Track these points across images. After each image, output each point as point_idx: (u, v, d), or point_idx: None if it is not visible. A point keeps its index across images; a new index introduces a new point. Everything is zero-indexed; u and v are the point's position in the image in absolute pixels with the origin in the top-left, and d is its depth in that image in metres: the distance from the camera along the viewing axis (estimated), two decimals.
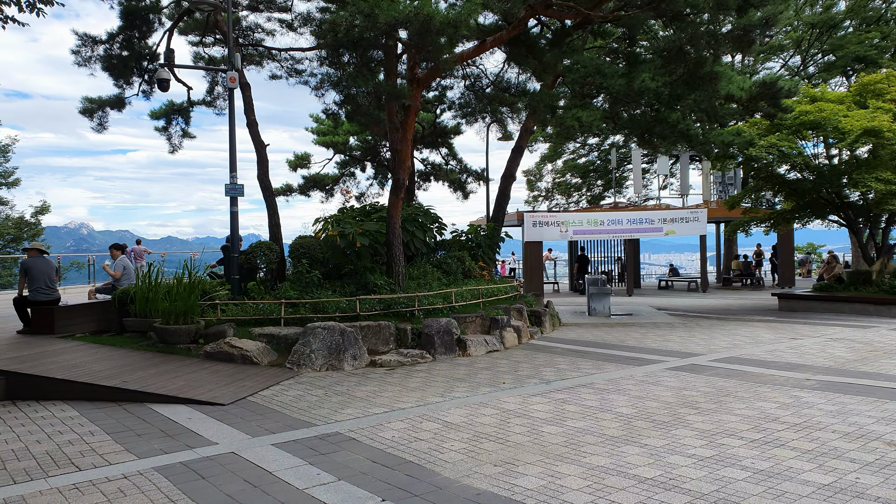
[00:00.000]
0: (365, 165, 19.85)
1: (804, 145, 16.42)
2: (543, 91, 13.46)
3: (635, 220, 22.69)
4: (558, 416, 6.58)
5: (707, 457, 5.17)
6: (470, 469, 5.03)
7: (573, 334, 12.98)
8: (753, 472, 4.78)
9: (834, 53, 29.44)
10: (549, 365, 9.48)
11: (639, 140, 16.10)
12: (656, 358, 9.88)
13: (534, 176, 35.91)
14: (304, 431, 6.11)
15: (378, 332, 10.01)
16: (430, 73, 10.44)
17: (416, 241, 13.07)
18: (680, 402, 7.05)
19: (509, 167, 16.94)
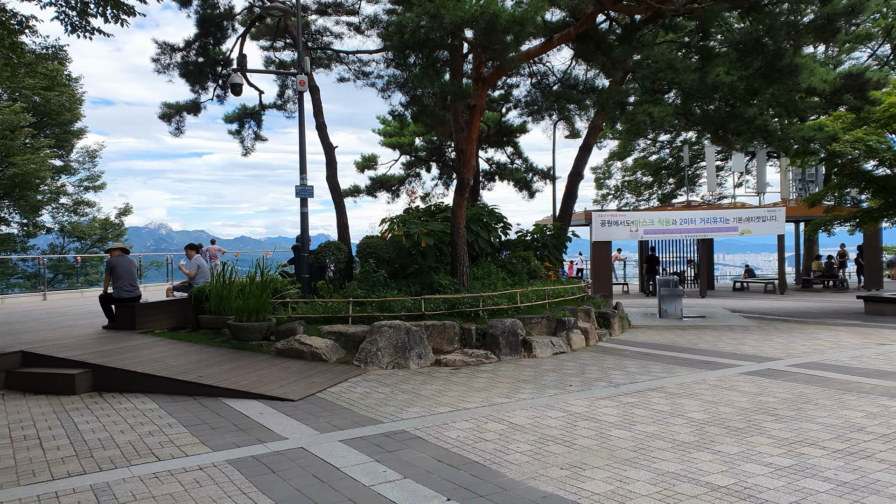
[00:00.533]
0: (430, 166, 19.97)
1: (894, 139, 15.49)
2: (612, 87, 13.20)
3: (709, 219, 21.96)
4: (627, 420, 6.43)
5: (785, 466, 4.94)
6: (535, 471, 4.97)
7: (643, 337, 12.67)
8: (837, 485, 4.53)
9: None
10: (618, 368, 9.28)
11: (713, 136, 15.54)
12: (731, 362, 9.53)
13: (603, 174, 35.27)
14: (370, 428, 6.20)
15: (443, 331, 10.05)
16: (496, 72, 10.40)
17: (481, 240, 13.05)
18: (756, 408, 6.77)
19: (577, 165, 16.70)
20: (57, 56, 12.31)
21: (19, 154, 23.48)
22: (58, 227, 28.21)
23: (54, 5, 8.59)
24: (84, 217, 29.29)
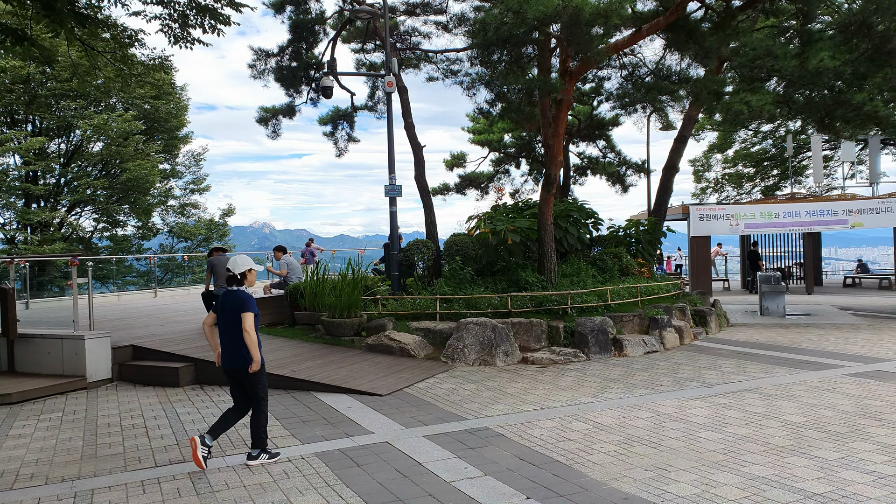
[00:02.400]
0: (519, 162, 19.94)
1: None
2: (708, 77, 12.70)
3: (815, 211, 20.71)
4: (718, 421, 6.23)
5: (890, 475, 4.65)
6: (619, 472, 4.93)
7: (741, 335, 12.15)
8: None
9: None
10: (713, 367, 8.97)
11: (818, 125, 14.64)
12: (835, 362, 8.99)
13: (701, 166, 33.88)
14: (454, 425, 6.32)
15: (529, 329, 10.05)
16: (582, 66, 10.26)
17: (570, 237, 12.92)
18: (860, 411, 6.38)
19: (671, 158, 16.21)
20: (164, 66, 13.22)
21: (132, 160, 25.31)
22: (167, 229, 30.15)
23: (159, 19, 9.24)
24: (190, 218, 31.14)
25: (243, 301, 5.20)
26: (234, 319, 5.19)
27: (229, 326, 5.23)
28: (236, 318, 5.17)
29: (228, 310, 5.23)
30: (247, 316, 5.15)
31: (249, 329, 5.14)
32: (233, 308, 5.20)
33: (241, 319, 5.15)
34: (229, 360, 5.26)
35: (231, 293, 5.30)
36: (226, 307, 5.26)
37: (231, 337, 5.23)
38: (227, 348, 5.28)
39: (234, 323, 5.18)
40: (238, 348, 5.19)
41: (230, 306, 5.23)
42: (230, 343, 5.25)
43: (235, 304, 5.20)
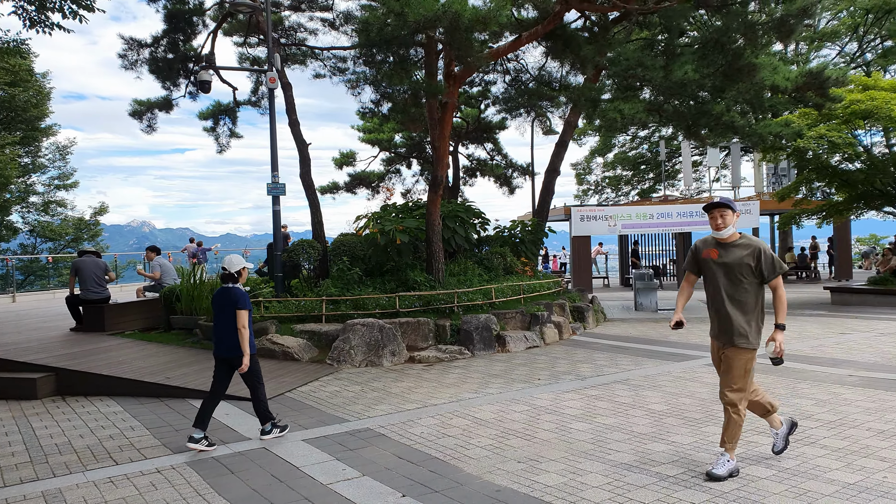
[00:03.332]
0: (410, 162, 20.04)
1: (859, 135, 15.80)
2: (586, 85, 13.34)
3: (685, 212, 22.22)
4: (589, 412, 6.58)
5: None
6: (493, 465, 5.10)
7: (617, 330, 12.86)
8: (779, 471, 4.70)
9: (891, 39, 28.12)
10: (588, 361, 9.44)
11: (686, 132, 15.76)
12: (697, 353, 9.72)
13: (583, 170, 35.54)
14: (335, 427, 6.29)
15: (417, 328, 10.15)
16: (466, 70, 10.50)
17: (457, 237, 13.16)
18: (715, 398, 6.94)
19: (553, 161, 16.85)
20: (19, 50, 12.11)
21: None
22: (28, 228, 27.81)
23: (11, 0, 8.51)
24: (56, 217, 28.86)
25: (238, 298, 5.77)
26: (229, 313, 5.76)
27: (224, 320, 5.79)
28: (231, 313, 5.74)
29: (224, 305, 5.81)
30: (242, 314, 5.73)
31: (243, 327, 5.73)
32: (228, 303, 5.78)
33: (236, 315, 5.72)
34: (224, 350, 5.81)
35: (226, 290, 5.87)
36: (221, 303, 5.83)
37: (225, 329, 5.77)
38: (221, 339, 5.82)
39: (229, 316, 5.76)
40: (232, 339, 5.75)
41: (225, 302, 5.80)
42: (224, 334, 5.78)
43: (231, 300, 5.77)
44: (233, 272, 5.88)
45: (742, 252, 4.63)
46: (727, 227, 4.67)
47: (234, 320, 5.71)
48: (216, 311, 5.87)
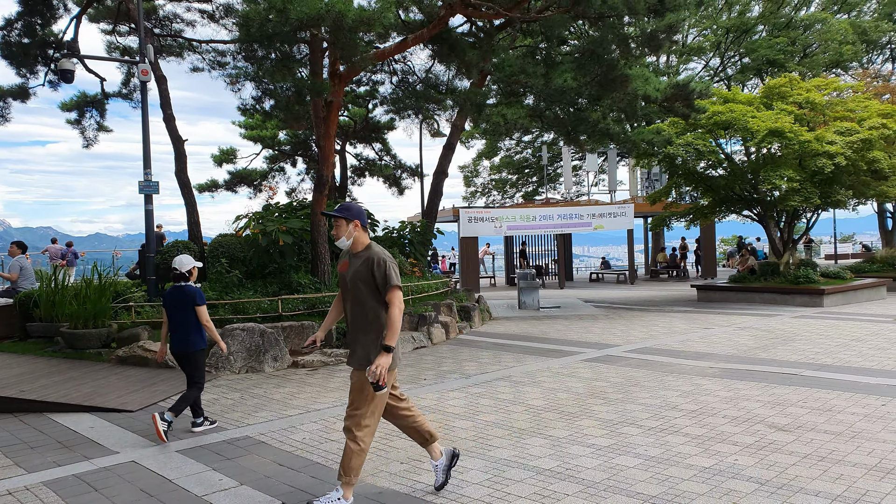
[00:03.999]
0: (295, 160, 19.58)
1: (722, 143, 17.13)
2: (472, 89, 13.59)
3: (566, 215, 23.20)
4: (472, 410, 6.70)
5: (605, 446, 5.37)
6: (376, 468, 5.07)
7: (501, 328, 13.19)
8: (645, 460, 4.99)
9: (749, 56, 30.79)
10: (473, 359, 9.62)
11: (565, 138, 16.45)
12: (575, 349, 10.16)
13: (471, 172, 36.22)
14: (213, 436, 6.03)
15: (301, 332, 9.92)
16: (351, 70, 10.41)
17: None
18: (590, 392, 7.29)
19: (441, 163, 17.04)
20: None
21: None
22: None
23: None
24: None
25: (196, 295, 6.19)
26: (183, 311, 6.13)
27: (180, 318, 6.15)
28: (188, 310, 6.12)
29: (179, 303, 6.16)
30: (201, 309, 6.18)
31: (207, 321, 6.23)
32: (182, 301, 6.13)
33: (192, 312, 6.12)
34: (178, 346, 6.19)
35: (180, 288, 6.23)
36: (176, 301, 6.18)
37: (181, 326, 6.15)
38: (176, 336, 6.19)
39: (184, 314, 6.13)
40: (186, 335, 6.15)
41: (181, 300, 6.15)
42: (179, 332, 6.16)
43: (188, 298, 6.14)
44: (184, 272, 6.30)
45: (361, 263, 4.20)
46: (342, 238, 4.24)
47: (189, 317, 6.14)
48: (170, 310, 6.22)
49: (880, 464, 4.71)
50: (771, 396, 6.77)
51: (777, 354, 9.17)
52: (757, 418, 5.97)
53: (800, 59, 30.61)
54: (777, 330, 11.49)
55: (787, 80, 16.82)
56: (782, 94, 16.25)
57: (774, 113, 15.28)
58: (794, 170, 14.74)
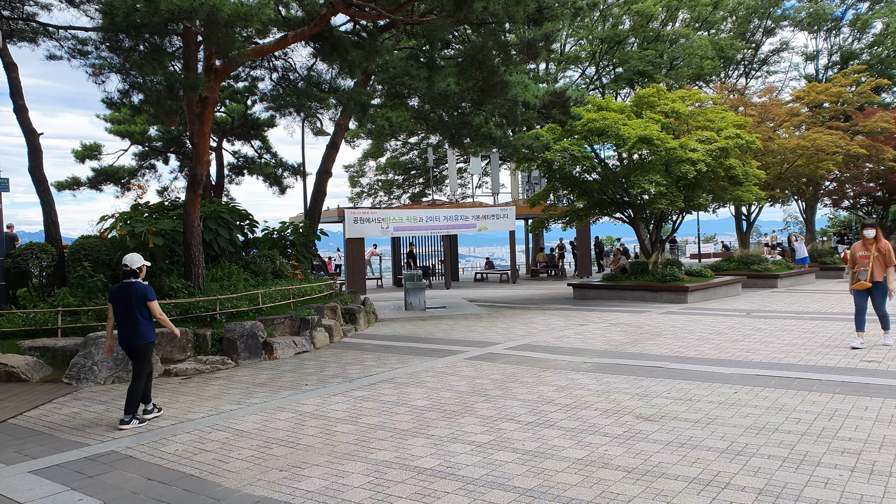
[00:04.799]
0: (168, 157, 18.54)
1: (597, 149, 18.03)
2: (356, 89, 13.45)
3: (451, 216, 23.59)
4: (354, 414, 6.63)
5: (485, 442, 5.49)
6: (254, 477, 4.91)
7: (387, 330, 13.16)
8: (522, 454, 5.16)
9: (621, 66, 32.69)
10: (357, 362, 9.53)
11: (450, 141, 16.67)
12: (459, 349, 10.32)
13: (356, 172, 35.89)
14: (73, 454, 5.59)
15: (173, 339, 9.40)
16: (227, 66, 10.00)
17: (221, 239, 12.48)
18: (471, 390, 7.43)
19: (324, 163, 16.77)
20: None
21: None
22: None
23: None
24: None
25: (147, 291, 6.54)
26: (132, 306, 6.41)
27: (127, 312, 6.43)
28: (135, 305, 6.42)
29: (128, 299, 6.43)
30: (153, 304, 6.53)
31: (160, 314, 6.60)
32: (131, 296, 6.43)
33: (141, 307, 6.45)
34: (128, 340, 6.45)
35: (129, 285, 6.49)
36: (122, 296, 6.45)
37: (129, 320, 6.43)
38: (124, 330, 6.44)
39: (132, 309, 6.41)
40: (134, 329, 6.43)
41: (128, 295, 6.44)
42: (128, 325, 6.44)
43: (139, 294, 6.46)
44: (134, 268, 6.58)
45: None
46: None
47: (138, 312, 6.44)
48: (118, 306, 6.47)
49: (731, 447, 5.13)
50: (639, 388, 7.20)
51: (645, 349, 9.77)
52: (626, 410, 6.33)
53: (667, 70, 32.86)
54: (646, 325, 12.25)
55: (655, 91, 17.98)
56: (651, 104, 17.36)
57: (644, 121, 16.30)
58: (662, 175, 15.79)
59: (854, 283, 9.22)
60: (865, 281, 9.03)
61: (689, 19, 35.09)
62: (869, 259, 9.04)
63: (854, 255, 9.30)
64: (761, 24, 38.17)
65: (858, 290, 9.18)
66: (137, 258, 6.67)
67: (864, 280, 9.06)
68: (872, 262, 9.02)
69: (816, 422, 5.68)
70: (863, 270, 9.09)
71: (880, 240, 9.11)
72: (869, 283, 9.03)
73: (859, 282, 9.11)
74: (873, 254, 9.03)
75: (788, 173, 24.36)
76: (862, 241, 9.28)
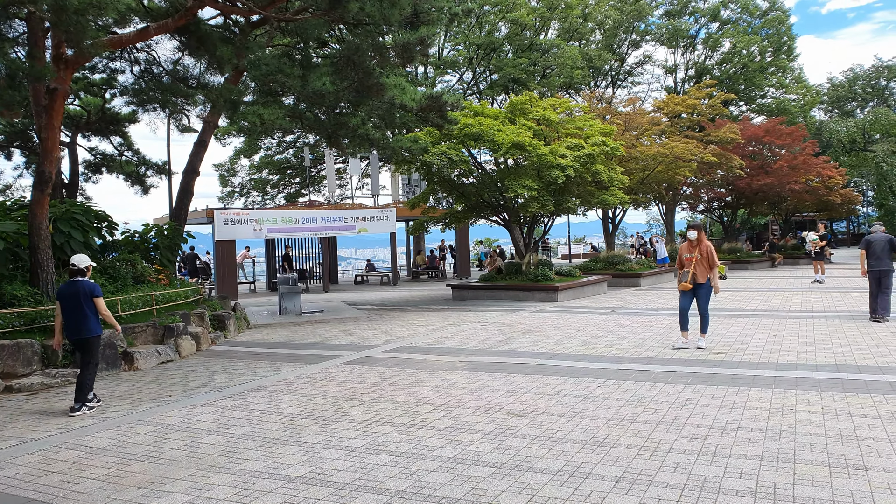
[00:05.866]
0: (11, 153, 16.89)
1: (476, 153, 18.42)
2: (226, 85, 12.89)
3: (329, 218, 23.14)
4: (222, 424, 6.34)
5: (358, 447, 5.43)
6: (108, 497, 4.56)
7: (259, 336, 12.73)
8: (395, 456, 5.15)
9: (497, 73, 33.66)
10: (226, 371, 9.13)
11: (327, 141, 16.39)
12: (335, 353, 10.16)
13: (227, 171, 34.42)
14: None
15: (17, 351, 8.56)
16: (79, 56, 9.24)
17: (74, 242, 11.50)
18: (347, 395, 7.33)
19: (192, 162, 15.93)
20: None
21: None
22: None
23: None
24: None
25: (94, 288, 7.05)
26: (79, 303, 6.92)
27: (75, 308, 6.93)
28: (83, 302, 6.93)
29: (75, 296, 6.94)
30: (100, 301, 7.05)
31: (104, 310, 7.13)
32: (79, 294, 6.94)
33: (89, 303, 6.97)
34: (76, 334, 6.99)
35: (76, 283, 7.00)
36: (71, 295, 6.95)
37: (76, 316, 6.93)
38: (73, 325, 6.96)
39: (80, 306, 6.91)
40: (82, 324, 6.96)
41: (76, 293, 6.95)
42: (76, 321, 6.95)
43: (86, 291, 6.98)
44: (82, 268, 7.14)
45: None
46: None
47: (86, 308, 6.96)
48: (66, 303, 6.96)
49: (593, 438, 5.40)
50: (510, 385, 7.42)
51: (518, 346, 10.08)
52: (497, 407, 6.50)
53: (540, 79, 34.22)
54: (518, 324, 12.66)
55: (528, 98, 18.64)
56: (524, 111, 17.98)
57: (517, 127, 16.85)
58: (534, 180, 16.39)
59: (679, 284, 9.39)
60: (687, 283, 9.20)
61: (561, 30, 36.78)
62: (693, 261, 9.19)
63: (681, 257, 9.45)
64: (627, 37, 40.79)
65: (683, 290, 9.34)
66: (84, 258, 7.27)
67: (686, 282, 9.22)
68: (695, 264, 9.17)
69: (670, 411, 6.11)
70: (685, 272, 9.27)
71: (703, 241, 9.24)
72: (690, 285, 9.20)
73: (683, 283, 9.28)
74: (696, 256, 9.18)
75: (650, 179, 26.14)
76: (687, 243, 9.43)
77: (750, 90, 41.38)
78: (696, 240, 9.26)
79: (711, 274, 9.18)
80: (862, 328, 10.57)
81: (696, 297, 9.33)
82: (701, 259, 9.19)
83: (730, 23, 40.87)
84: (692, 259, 9.23)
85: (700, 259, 9.19)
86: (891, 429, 5.30)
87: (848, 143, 42.63)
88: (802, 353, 8.68)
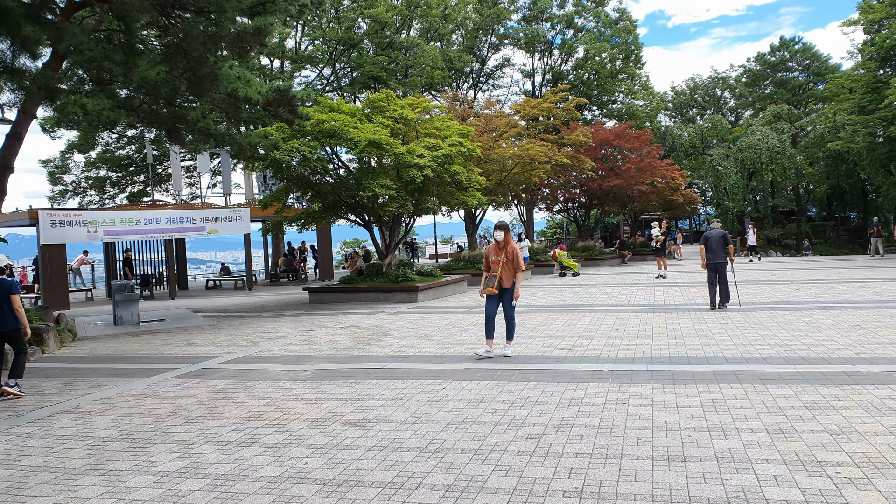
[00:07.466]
0: None
1: (337, 151, 17.84)
2: (43, 72, 11.48)
3: (176, 219, 21.57)
4: (14, 456, 5.49)
5: (173, 471, 4.86)
6: None
7: (85, 350, 11.48)
8: (213, 479, 4.64)
9: (357, 70, 33.15)
10: (34, 392, 8.06)
11: (167, 136, 15.18)
12: (167, 366, 9.31)
13: (57, 167, 31.18)
14: None
15: None
16: None
17: None
18: (172, 413, 6.65)
19: (5, 156, 14.12)
20: None
21: None
22: None
23: None
24: None
25: (13, 285, 7.92)
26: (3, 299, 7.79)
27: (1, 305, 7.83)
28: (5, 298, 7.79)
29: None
30: (16, 297, 7.87)
31: (19, 306, 7.86)
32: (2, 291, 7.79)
33: (8, 299, 7.79)
34: (2, 327, 7.82)
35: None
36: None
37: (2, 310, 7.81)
38: None
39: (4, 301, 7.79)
40: (4, 318, 7.80)
41: None
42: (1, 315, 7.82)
43: (6, 288, 7.79)
44: (2, 266, 8.17)
45: None
46: None
47: (7, 303, 7.72)
48: None
49: (430, 444, 5.18)
50: (353, 393, 7.07)
51: (370, 350, 9.76)
52: (335, 417, 6.13)
53: (401, 78, 34.08)
54: (375, 326, 12.33)
55: (385, 96, 18.34)
56: (381, 109, 17.66)
57: (374, 125, 16.49)
58: (392, 179, 16.11)
59: (484, 289, 8.63)
60: (493, 288, 8.52)
61: (422, 29, 36.89)
62: (500, 264, 8.52)
63: (487, 259, 8.74)
64: (487, 39, 41.73)
65: (489, 296, 8.64)
66: (3, 258, 8.30)
67: (492, 287, 8.53)
68: (501, 268, 8.50)
69: (510, 410, 6.04)
70: (491, 276, 8.57)
71: (510, 243, 8.57)
72: (496, 290, 8.53)
73: (489, 288, 8.56)
74: (502, 259, 8.51)
75: (508, 180, 26.79)
76: (493, 245, 8.72)
77: (602, 95, 43.81)
78: (503, 241, 8.55)
79: (516, 278, 8.54)
80: (695, 320, 11.29)
81: (501, 302, 8.66)
82: (507, 262, 8.51)
83: (584, 30, 43.01)
84: (499, 262, 8.52)
85: (506, 262, 8.51)
86: (711, 418, 5.54)
87: (689, 148, 46.35)
88: (640, 346, 9.06)
